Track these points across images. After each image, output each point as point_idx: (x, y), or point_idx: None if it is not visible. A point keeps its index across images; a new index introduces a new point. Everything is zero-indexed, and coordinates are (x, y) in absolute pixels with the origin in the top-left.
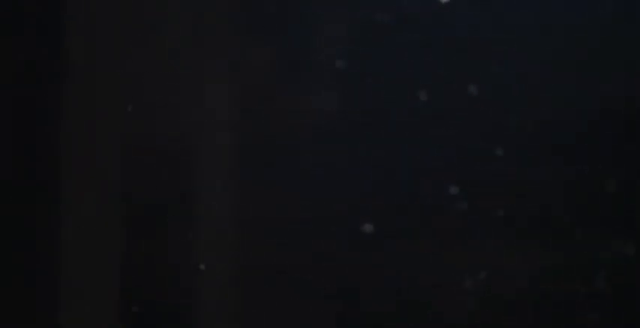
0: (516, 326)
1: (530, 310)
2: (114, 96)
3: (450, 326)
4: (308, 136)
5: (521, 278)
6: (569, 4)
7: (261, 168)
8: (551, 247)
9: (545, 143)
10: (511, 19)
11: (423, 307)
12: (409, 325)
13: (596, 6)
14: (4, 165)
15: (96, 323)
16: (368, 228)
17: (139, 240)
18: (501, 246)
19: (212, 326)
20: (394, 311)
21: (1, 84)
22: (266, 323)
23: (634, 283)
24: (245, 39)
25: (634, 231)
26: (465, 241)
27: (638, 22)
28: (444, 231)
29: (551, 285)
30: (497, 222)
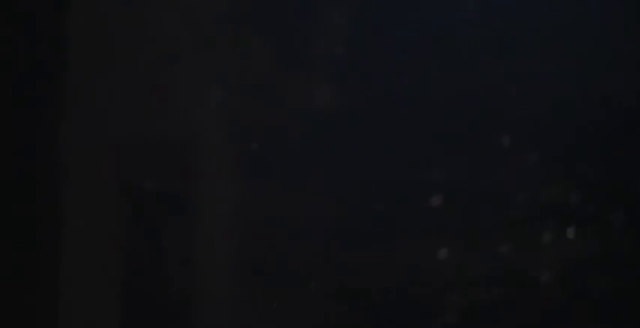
0: (516, 325)
1: (530, 309)
2: (114, 96)
3: (449, 325)
4: (308, 136)
5: (522, 278)
6: (571, 3)
7: (261, 168)
8: (552, 246)
9: (545, 142)
10: (512, 18)
11: (423, 307)
12: (409, 325)
13: (596, 5)
14: (4, 165)
15: (96, 323)
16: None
17: (139, 240)
18: (502, 246)
19: (212, 326)
20: (395, 310)
21: (1, 85)
22: (266, 322)
23: (634, 282)
24: (245, 39)
25: (634, 231)
26: (465, 241)
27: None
28: (444, 231)
29: (551, 284)
30: (497, 222)
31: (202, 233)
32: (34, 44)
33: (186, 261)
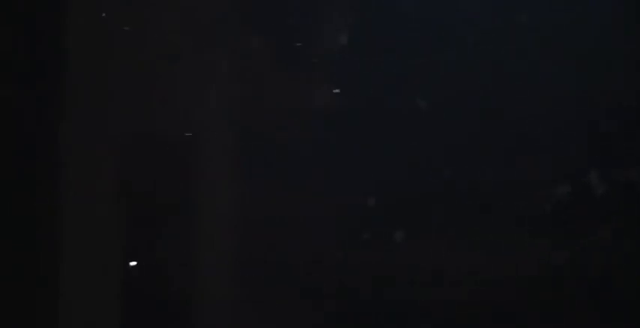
0: (517, 325)
1: (531, 309)
2: (114, 96)
3: (449, 326)
4: (308, 136)
5: (523, 278)
6: (571, 3)
7: (261, 168)
8: (553, 246)
9: (548, 142)
10: (512, 18)
11: (423, 307)
12: (409, 325)
13: (597, 5)
14: (4, 165)
15: (96, 323)
16: (369, 231)
17: (139, 240)
18: (502, 246)
19: (212, 326)
20: (394, 310)
21: (1, 84)
22: (266, 322)
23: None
24: (245, 38)
25: (635, 231)
26: (465, 241)
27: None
28: (444, 231)
29: (553, 284)
30: (497, 222)
31: (202, 233)
32: (34, 44)
33: (186, 261)
